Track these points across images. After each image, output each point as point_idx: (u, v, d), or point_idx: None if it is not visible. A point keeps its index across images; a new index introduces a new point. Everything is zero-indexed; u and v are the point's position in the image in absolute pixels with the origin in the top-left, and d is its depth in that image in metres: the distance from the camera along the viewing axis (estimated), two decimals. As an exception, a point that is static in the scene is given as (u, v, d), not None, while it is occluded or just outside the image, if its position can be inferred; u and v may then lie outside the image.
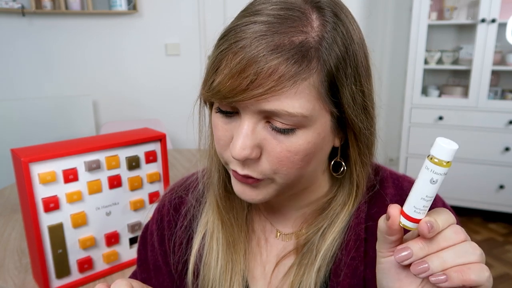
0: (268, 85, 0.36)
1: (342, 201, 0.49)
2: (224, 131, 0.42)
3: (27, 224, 0.77)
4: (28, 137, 2.28)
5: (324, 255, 0.47)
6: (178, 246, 0.56)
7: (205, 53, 2.78)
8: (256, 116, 0.39)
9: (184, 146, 2.89)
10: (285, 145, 0.40)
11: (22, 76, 2.38)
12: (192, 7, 2.68)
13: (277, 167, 0.41)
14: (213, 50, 0.42)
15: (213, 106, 0.44)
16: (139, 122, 2.52)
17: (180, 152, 1.80)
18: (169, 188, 0.61)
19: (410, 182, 0.52)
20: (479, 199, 2.53)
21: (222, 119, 0.42)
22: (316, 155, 0.42)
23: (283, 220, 0.53)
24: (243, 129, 0.39)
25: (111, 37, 2.53)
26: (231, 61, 0.37)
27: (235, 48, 0.37)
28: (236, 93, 0.37)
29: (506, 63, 2.41)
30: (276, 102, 0.37)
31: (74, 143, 0.79)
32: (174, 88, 2.78)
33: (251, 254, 0.53)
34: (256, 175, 0.41)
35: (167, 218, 0.58)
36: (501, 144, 2.41)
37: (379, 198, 0.50)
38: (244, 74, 0.36)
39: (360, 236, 0.47)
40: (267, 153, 0.40)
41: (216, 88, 0.38)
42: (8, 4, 2.15)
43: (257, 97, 0.37)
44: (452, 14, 2.51)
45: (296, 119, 0.38)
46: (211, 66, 0.40)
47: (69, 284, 0.80)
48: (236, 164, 0.42)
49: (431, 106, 2.54)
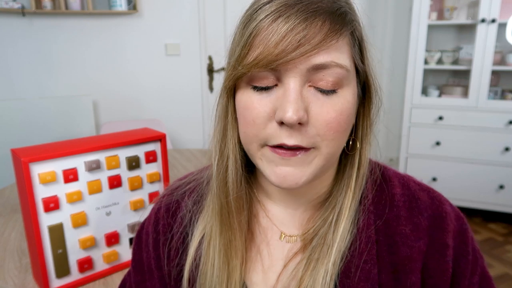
0: (318, 40, 0.38)
1: (344, 184, 0.48)
2: (262, 107, 0.42)
3: (27, 224, 0.77)
4: (28, 137, 2.28)
5: (339, 248, 0.46)
6: (174, 251, 0.54)
7: (205, 53, 2.79)
8: (301, 78, 0.40)
9: (184, 146, 2.89)
10: (331, 105, 0.41)
11: (22, 76, 2.38)
12: (192, 7, 2.68)
13: (324, 131, 0.41)
14: (239, 30, 0.43)
15: (240, 89, 0.44)
16: (139, 122, 2.52)
17: (180, 152, 1.80)
18: (167, 190, 0.60)
19: (415, 182, 0.52)
20: (479, 199, 2.53)
21: (257, 95, 0.42)
22: (352, 119, 0.44)
23: (288, 221, 0.52)
24: (291, 92, 0.40)
25: (111, 37, 2.53)
26: (274, 28, 0.39)
27: (274, 15, 0.39)
28: (287, 53, 0.38)
29: (506, 63, 2.41)
30: (325, 55, 0.39)
31: (74, 143, 0.79)
32: (174, 88, 2.78)
33: (250, 261, 0.52)
34: (305, 144, 0.41)
35: (162, 222, 0.56)
36: (501, 144, 2.41)
37: (387, 198, 0.49)
38: (292, 33, 0.38)
39: (371, 238, 0.47)
40: (314, 117, 0.41)
41: (261, 56, 0.39)
42: (8, 4, 2.15)
43: (309, 52, 0.38)
44: (452, 14, 2.51)
45: (341, 73, 0.40)
46: (246, 40, 0.41)
47: (69, 284, 0.80)
48: (283, 136, 0.41)
49: (431, 106, 2.54)
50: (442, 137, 2.54)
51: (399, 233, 0.47)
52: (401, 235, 0.47)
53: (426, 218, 0.48)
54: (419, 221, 0.48)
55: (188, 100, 2.85)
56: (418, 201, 0.49)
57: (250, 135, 0.43)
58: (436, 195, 0.51)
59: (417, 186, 0.51)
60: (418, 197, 0.49)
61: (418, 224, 0.48)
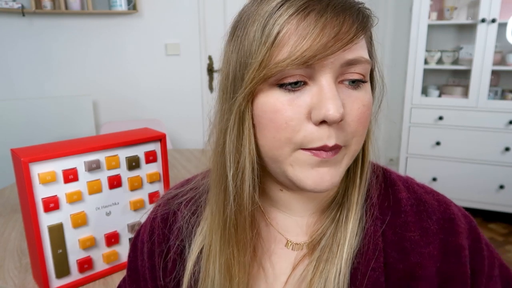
0: (352, 34, 0.38)
1: (350, 182, 0.48)
2: (295, 108, 0.39)
3: (27, 224, 0.77)
4: (28, 137, 2.28)
5: (350, 244, 0.45)
6: (171, 264, 0.52)
7: (205, 53, 2.79)
8: (333, 75, 0.39)
9: (184, 146, 2.89)
10: (360, 99, 0.41)
11: (22, 76, 2.38)
12: (192, 7, 2.68)
13: (356, 128, 0.41)
14: (252, 34, 0.40)
15: (262, 92, 0.40)
16: (139, 122, 2.52)
17: (180, 152, 1.80)
18: (162, 198, 0.57)
19: (418, 185, 0.51)
20: (479, 199, 2.53)
21: (286, 97, 0.39)
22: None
23: (294, 229, 0.50)
24: (330, 89, 0.39)
25: (111, 37, 2.53)
26: (309, 23, 0.37)
27: (304, 12, 0.38)
28: (326, 48, 0.37)
29: (506, 63, 2.41)
30: (355, 50, 0.40)
31: (74, 143, 0.79)
32: (174, 88, 2.78)
33: (252, 278, 0.49)
34: (342, 142, 0.41)
35: (157, 232, 0.54)
36: (501, 144, 2.41)
37: (393, 204, 0.48)
38: (328, 28, 0.37)
39: (379, 246, 0.46)
40: (347, 114, 0.40)
41: (298, 52, 0.37)
42: (8, 4, 2.15)
43: (346, 46, 0.38)
44: (452, 14, 2.51)
45: (367, 68, 0.41)
46: (271, 42, 0.38)
47: (69, 284, 0.80)
48: (324, 137, 0.39)
49: (431, 106, 2.54)
50: (442, 137, 2.54)
51: (408, 239, 0.46)
52: (410, 241, 0.46)
53: (435, 221, 0.47)
54: (428, 225, 0.47)
55: (188, 100, 2.84)
56: (425, 204, 0.48)
57: (282, 139, 0.40)
58: (441, 198, 0.50)
59: (422, 189, 0.50)
60: (425, 201, 0.49)
61: (427, 229, 0.47)
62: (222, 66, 0.45)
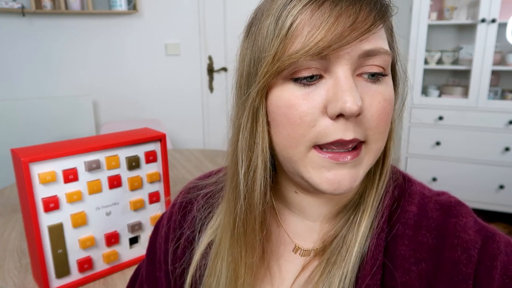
0: (369, 23, 0.36)
1: (369, 183, 0.45)
2: (310, 103, 0.37)
3: (27, 224, 0.77)
4: (28, 137, 2.28)
5: (359, 249, 0.43)
6: (180, 250, 0.53)
7: (205, 53, 2.79)
8: (350, 67, 0.37)
9: (184, 146, 2.89)
10: (380, 93, 0.39)
11: (22, 76, 2.38)
12: (192, 7, 2.68)
13: (377, 124, 0.39)
14: (266, 27, 0.39)
15: (276, 86, 0.39)
16: (139, 122, 2.52)
17: (180, 152, 1.80)
18: (186, 186, 0.58)
19: (437, 202, 0.46)
20: (479, 199, 2.53)
21: (301, 91, 0.38)
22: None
23: (305, 233, 0.48)
24: (347, 81, 0.36)
25: (111, 37, 2.53)
26: (323, 12, 0.36)
27: (318, 1, 0.36)
28: (341, 38, 0.35)
29: (506, 63, 2.41)
30: (373, 40, 0.37)
31: (74, 143, 0.79)
32: (174, 88, 2.78)
33: (259, 278, 0.48)
34: (361, 136, 0.38)
35: (174, 217, 0.56)
36: (501, 144, 2.41)
37: (400, 215, 0.45)
38: (344, 17, 0.35)
39: (378, 261, 0.42)
40: (367, 108, 0.38)
41: (309, 45, 0.35)
42: (8, 4, 2.15)
43: (362, 36, 0.36)
44: (452, 14, 2.51)
45: (387, 60, 0.39)
46: (285, 33, 0.37)
47: (69, 284, 0.80)
48: (339, 131, 0.37)
49: (431, 106, 2.54)
50: (442, 137, 2.54)
51: (399, 254, 0.43)
52: (399, 257, 0.43)
53: (434, 237, 0.43)
54: (425, 239, 0.43)
55: (188, 100, 2.85)
56: (429, 220, 0.44)
57: (296, 136, 0.38)
58: (456, 212, 0.45)
59: (436, 206, 0.45)
60: (431, 217, 0.44)
61: (423, 242, 0.43)
62: (238, 64, 0.44)
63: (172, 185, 1.22)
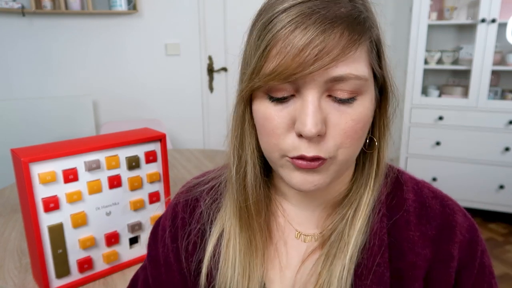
0: (336, 52, 0.37)
1: (363, 182, 0.49)
2: (280, 118, 0.41)
3: (27, 224, 0.77)
4: (28, 137, 2.28)
5: (355, 243, 0.46)
6: (192, 246, 0.55)
7: (205, 53, 2.79)
8: (319, 90, 0.40)
9: (184, 146, 2.89)
10: (349, 114, 0.41)
11: (22, 76, 2.38)
12: (192, 7, 2.68)
13: (342, 140, 0.41)
14: (252, 43, 0.42)
15: (257, 99, 0.43)
16: (139, 122, 2.52)
17: (180, 152, 1.80)
18: (184, 187, 0.60)
19: (429, 189, 0.51)
20: (479, 199, 2.53)
21: (275, 107, 0.42)
22: (369, 124, 0.44)
23: (304, 221, 0.52)
24: (310, 105, 0.39)
25: (111, 37, 2.53)
26: (291, 40, 0.38)
27: (291, 27, 0.38)
28: (304, 66, 0.38)
29: (506, 63, 2.41)
30: (343, 67, 0.39)
31: (74, 143, 0.79)
32: (174, 88, 2.78)
33: (269, 259, 0.52)
34: (323, 155, 0.41)
35: (180, 216, 0.57)
36: (501, 144, 2.41)
37: (400, 203, 0.49)
38: (311, 46, 0.37)
39: (384, 242, 0.47)
40: (332, 127, 0.41)
41: (278, 69, 0.38)
42: (8, 4, 2.15)
43: (327, 65, 0.38)
44: (452, 14, 2.51)
45: (359, 83, 0.40)
46: (262, 53, 0.40)
47: (69, 284, 0.80)
48: (302, 148, 0.41)
49: (431, 106, 2.54)
50: (442, 137, 2.54)
51: (407, 238, 0.47)
52: (408, 240, 0.47)
53: (434, 227, 0.48)
54: (426, 230, 0.48)
55: (188, 100, 2.85)
56: (428, 209, 0.49)
57: (271, 144, 0.43)
58: (449, 204, 0.50)
59: (431, 194, 0.50)
60: (429, 205, 0.49)
61: (425, 233, 0.48)
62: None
63: (172, 185, 1.22)
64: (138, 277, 0.65)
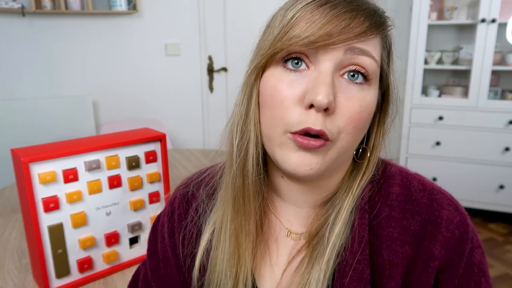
0: (360, 30, 0.40)
1: (348, 186, 0.49)
2: (291, 89, 0.42)
3: (27, 224, 0.77)
4: (28, 137, 2.28)
5: (333, 246, 0.46)
6: (187, 240, 0.56)
7: (205, 53, 2.79)
8: (336, 63, 0.41)
9: (184, 146, 2.89)
10: (357, 99, 0.42)
11: (22, 76, 2.38)
12: (192, 7, 2.68)
13: (345, 124, 0.42)
14: (279, 14, 0.45)
15: (269, 69, 0.44)
16: (139, 122, 2.52)
17: (180, 152, 1.80)
18: (183, 182, 0.62)
19: (420, 181, 0.49)
20: (479, 199, 2.53)
21: (287, 77, 0.42)
22: (370, 121, 0.45)
23: (294, 219, 0.53)
24: (326, 76, 0.41)
25: (111, 37, 2.53)
26: (321, 12, 0.41)
27: (321, 1, 0.41)
28: (329, 37, 0.40)
29: (506, 63, 2.41)
30: (362, 44, 0.41)
31: (74, 143, 0.79)
32: (174, 88, 2.78)
33: (260, 255, 0.53)
34: (328, 132, 0.41)
35: (178, 211, 0.58)
36: (501, 144, 2.41)
37: (382, 197, 0.48)
38: (338, 20, 0.40)
39: (365, 238, 0.46)
40: (339, 107, 0.41)
41: (302, 35, 0.40)
42: (8, 4, 2.15)
43: (350, 40, 0.40)
44: (452, 14, 2.51)
45: (373, 66, 0.42)
46: (287, 22, 0.42)
47: (69, 284, 0.80)
48: (309, 121, 0.41)
49: (431, 106, 2.54)
50: (442, 137, 2.54)
51: (386, 234, 0.46)
52: (386, 237, 0.46)
53: (418, 221, 0.46)
54: (409, 224, 0.46)
55: (188, 100, 2.84)
56: (414, 202, 0.47)
57: (276, 117, 0.43)
58: (438, 198, 0.47)
59: (420, 186, 0.48)
60: (415, 199, 0.47)
61: (407, 228, 0.46)
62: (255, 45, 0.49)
63: (172, 185, 1.22)
64: (139, 272, 0.66)
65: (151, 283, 0.61)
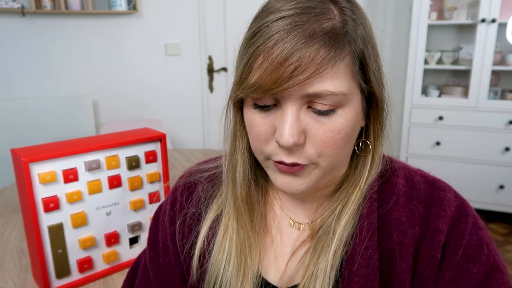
0: (311, 70, 0.39)
1: (354, 180, 0.50)
2: (263, 126, 0.44)
3: (27, 224, 0.77)
4: (28, 137, 2.28)
5: (340, 238, 0.48)
6: (187, 228, 0.57)
7: (205, 53, 2.79)
8: (298, 102, 0.41)
9: (184, 146, 2.89)
10: (328, 126, 0.42)
11: (22, 76, 2.38)
12: (192, 7, 2.68)
13: (322, 149, 0.43)
14: (241, 52, 0.45)
15: (246, 104, 0.46)
16: (139, 122, 2.52)
17: (180, 152, 1.80)
18: (186, 171, 0.63)
19: (422, 175, 0.51)
20: (479, 199, 2.53)
21: (259, 114, 0.44)
22: (353, 134, 0.46)
23: (298, 210, 0.54)
24: (288, 117, 0.41)
25: (111, 37, 2.53)
26: (269, 55, 0.39)
27: (271, 43, 0.40)
28: (280, 83, 0.39)
29: (506, 63, 2.41)
30: (319, 84, 0.40)
31: (74, 143, 0.79)
32: (174, 88, 2.78)
33: (265, 248, 0.54)
34: (302, 161, 0.43)
35: (179, 199, 0.59)
36: (501, 144, 2.41)
37: (390, 187, 0.50)
38: (286, 64, 0.39)
39: (373, 225, 0.48)
40: (311, 137, 0.43)
41: (257, 83, 0.41)
42: (8, 4, 2.15)
43: (302, 83, 0.39)
44: (452, 14, 2.51)
45: (337, 98, 0.41)
46: (245, 66, 0.42)
47: (69, 284, 0.80)
48: (282, 154, 0.44)
49: (431, 106, 2.54)
50: (442, 137, 2.54)
51: (395, 218, 0.48)
52: (395, 221, 0.48)
53: (423, 206, 0.48)
54: (416, 208, 0.48)
55: (188, 100, 2.84)
56: (418, 191, 0.49)
57: (256, 148, 0.46)
58: (440, 185, 0.50)
59: (422, 179, 0.51)
60: (419, 188, 0.50)
61: (415, 211, 0.48)
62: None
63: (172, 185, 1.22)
64: (139, 261, 0.66)
65: (150, 271, 0.61)
